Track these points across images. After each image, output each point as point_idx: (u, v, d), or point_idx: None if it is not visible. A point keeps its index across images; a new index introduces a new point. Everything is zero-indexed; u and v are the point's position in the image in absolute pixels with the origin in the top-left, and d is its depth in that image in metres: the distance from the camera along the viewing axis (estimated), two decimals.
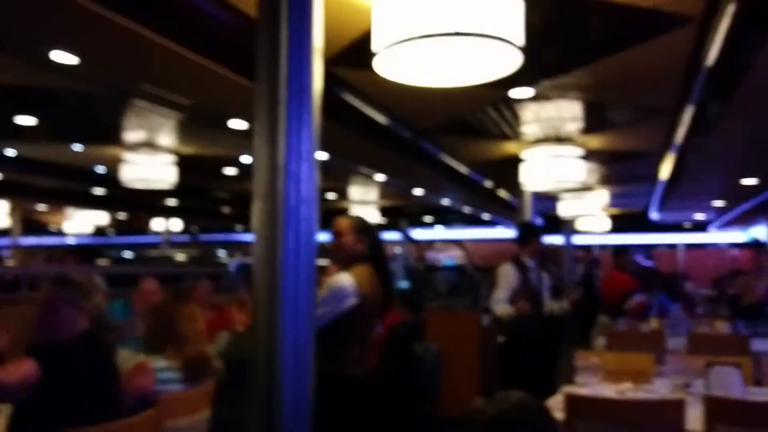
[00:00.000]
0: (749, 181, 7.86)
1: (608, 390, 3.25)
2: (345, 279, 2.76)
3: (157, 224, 14.06)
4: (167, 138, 5.71)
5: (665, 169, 7.00)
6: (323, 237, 2.81)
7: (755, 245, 16.20)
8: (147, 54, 3.16)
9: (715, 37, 3.09)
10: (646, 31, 3.16)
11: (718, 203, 10.73)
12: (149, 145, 5.84)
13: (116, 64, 3.49)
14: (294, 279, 2.04)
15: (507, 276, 4.64)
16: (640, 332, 5.39)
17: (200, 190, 10.21)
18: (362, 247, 2.92)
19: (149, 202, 11.19)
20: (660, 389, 3.16)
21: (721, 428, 2.44)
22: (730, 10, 2.81)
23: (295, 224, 2.03)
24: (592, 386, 3.25)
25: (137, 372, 2.59)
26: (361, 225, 2.99)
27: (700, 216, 13.69)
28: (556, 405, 2.97)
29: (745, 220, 12.83)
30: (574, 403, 2.63)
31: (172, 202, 11.39)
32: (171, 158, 6.02)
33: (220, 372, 3.08)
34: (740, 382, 3.02)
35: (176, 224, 14.13)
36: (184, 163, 6.30)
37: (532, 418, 1.13)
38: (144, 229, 15.16)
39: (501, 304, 4.60)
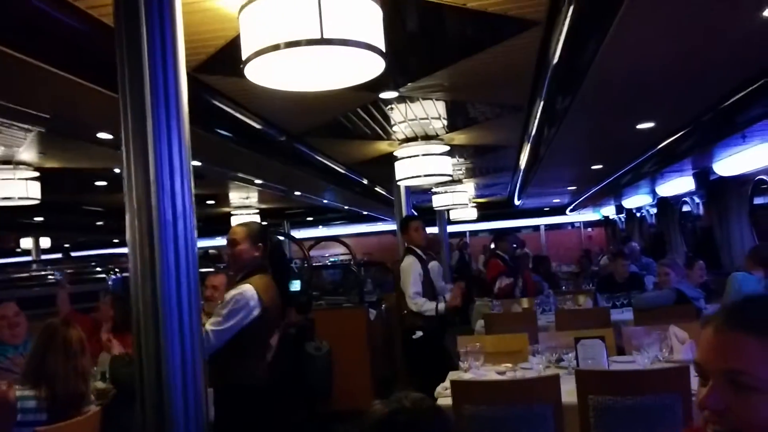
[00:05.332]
0: (596, 167, 8.69)
1: (490, 372, 3.48)
2: (248, 291, 2.72)
3: (26, 243, 12.89)
4: (29, 153, 5.29)
5: (524, 159, 7.53)
6: (210, 243, 2.78)
7: (606, 222, 17.96)
8: None
9: (559, 37, 3.40)
10: (498, 34, 3.41)
11: (572, 187, 11.74)
12: (8, 162, 5.39)
13: None
14: (176, 297, 1.99)
15: (414, 269, 4.73)
16: (513, 313, 5.79)
17: (70, 204, 9.50)
18: (260, 255, 2.88)
19: (13, 220, 10.26)
20: (536, 366, 3.43)
21: (592, 398, 2.68)
22: (570, 13, 3.11)
23: (173, 241, 1.98)
24: (474, 370, 3.46)
25: None
26: (258, 232, 2.93)
27: (557, 200, 14.87)
28: (443, 391, 3.15)
29: (595, 200, 14.11)
30: (458, 388, 2.79)
31: (39, 218, 10.50)
32: (34, 174, 5.60)
33: (105, 395, 2.94)
34: (604, 353, 3.37)
35: (46, 242, 13.05)
36: (51, 177, 5.87)
37: (425, 419, 1.15)
38: (12, 249, 13.90)
39: (422, 300, 4.67)
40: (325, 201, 11.23)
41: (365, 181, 8.57)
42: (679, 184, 9.70)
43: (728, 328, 0.94)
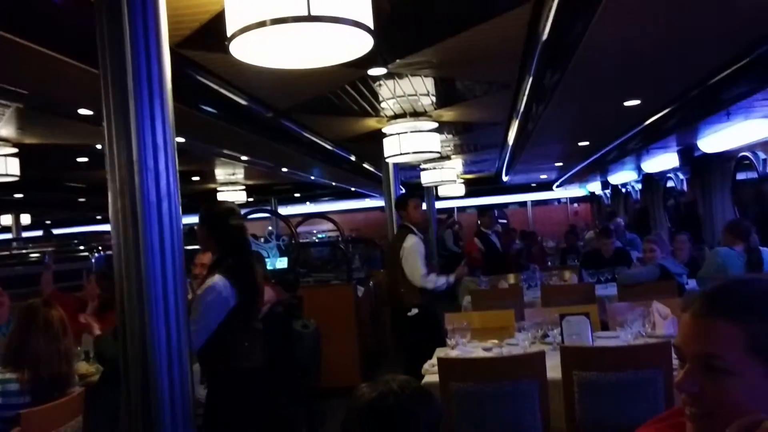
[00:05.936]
0: (583, 144, 8.71)
1: (477, 348, 3.52)
2: (218, 283, 2.68)
3: (5, 220, 12.72)
4: (7, 129, 5.18)
5: (512, 136, 7.53)
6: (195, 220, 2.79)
7: (591, 198, 18.11)
8: None
9: (549, 14, 3.36)
10: (487, 11, 3.37)
11: (559, 164, 11.77)
12: None
13: None
14: (161, 279, 1.97)
15: (419, 249, 4.73)
16: (500, 289, 5.84)
17: (51, 181, 9.37)
18: (208, 236, 2.83)
19: None
20: (522, 342, 3.47)
21: (576, 374, 2.73)
22: None
23: (158, 222, 1.95)
24: (461, 347, 3.49)
25: None
26: (205, 214, 2.89)
27: (544, 176, 14.91)
28: (430, 368, 3.18)
29: (581, 177, 14.17)
30: (445, 365, 2.81)
31: (19, 195, 10.36)
32: (13, 150, 5.49)
33: (91, 376, 2.93)
34: (589, 329, 3.42)
35: (26, 219, 12.87)
36: (31, 153, 5.77)
37: (412, 401, 1.18)
38: None
39: (434, 277, 4.70)
40: (312, 177, 11.17)
41: (353, 158, 8.52)
42: (664, 161, 9.76)
43: (704, 313, 0.97)
